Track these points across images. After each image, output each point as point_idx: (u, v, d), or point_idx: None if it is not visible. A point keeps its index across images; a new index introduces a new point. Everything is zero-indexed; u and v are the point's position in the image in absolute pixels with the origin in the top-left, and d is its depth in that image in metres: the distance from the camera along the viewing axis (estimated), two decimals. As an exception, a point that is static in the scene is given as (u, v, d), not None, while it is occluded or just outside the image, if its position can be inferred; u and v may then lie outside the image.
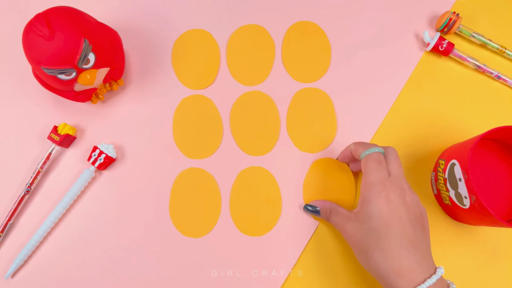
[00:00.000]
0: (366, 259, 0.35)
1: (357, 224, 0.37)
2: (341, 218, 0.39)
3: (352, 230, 0.37)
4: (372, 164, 0.37)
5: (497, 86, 0.52)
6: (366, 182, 0.37)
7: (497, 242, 0.46)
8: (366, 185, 0.37)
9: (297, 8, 0.54)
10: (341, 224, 0.39)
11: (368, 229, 0.35)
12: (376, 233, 0.35)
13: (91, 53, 0.42)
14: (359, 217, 0.37)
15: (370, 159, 0.38)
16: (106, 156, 0.46)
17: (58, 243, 0.46)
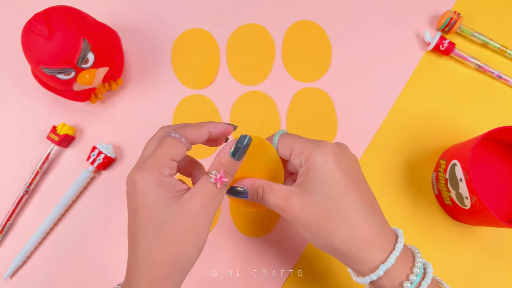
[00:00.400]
0: (328, 235, 0.29)
1: (306, 197, 0.29)
2: (280, 195, 0.30)
3: (301, 206, 0.29)
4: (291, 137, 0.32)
5: (498, 86, 0.52)
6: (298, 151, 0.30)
7: (498, 242, 0.46)
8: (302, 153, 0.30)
9: (297, 8, 0.54)
10: (282, 202, 0.30)
11: (323, 200, 0.29)
12: (335, 201, 0.28)
13: (90, 52, 0.41)
14: (307, 189, 0.29)
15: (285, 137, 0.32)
16: (105, 156, 0.46)
17: (57, 243, 0.46)
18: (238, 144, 0.29)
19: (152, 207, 0.27)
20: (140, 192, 0.27)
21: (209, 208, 0.28)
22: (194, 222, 0.27)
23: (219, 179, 0.28)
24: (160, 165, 0.28)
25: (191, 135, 0.30)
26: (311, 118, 0.50)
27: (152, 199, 0.27)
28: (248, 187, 0.32)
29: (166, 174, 0.28)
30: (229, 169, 0.29)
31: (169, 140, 0.29)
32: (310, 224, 0.29)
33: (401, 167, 0.48)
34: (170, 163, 0.28)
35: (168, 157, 0.28)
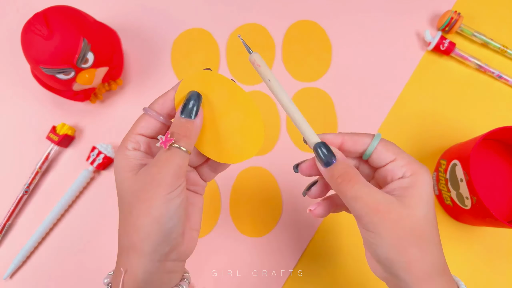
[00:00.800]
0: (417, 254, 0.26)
1: (407, 210, 0.27)
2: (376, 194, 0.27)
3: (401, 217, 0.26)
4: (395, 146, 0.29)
5: (499, 85, 0.51)
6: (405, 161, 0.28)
7: (498, 242, 0.46)
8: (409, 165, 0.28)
9: (297, 7, 0.54)
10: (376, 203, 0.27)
11: (423, 217, 0.27)
12: (432, 223, 0.27)
13: (90, 52, 0.41)
14: (407, 201, 0.27)
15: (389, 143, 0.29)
16: (105, 156, 0.46)
17: (56, 244, 0.46)
18: (186, 100, 0.27)
19: (117, 180, 0.27)
20: (114, 167, 0.28)
21: (159, 175, 0.25)
22: (145, 192, 0.26)
23: (164, 141, 0.26)
24: (125, 140, 0.28)
25: (157, 105, 0.28)
26: (311, 118, 0.50)
27: (117, 174, 0.27)
28: (338, 155, 0.29)
29: (130, 148, 0.27)
30: (181, 130, 0.26)
31: (140, 116, 0.29)
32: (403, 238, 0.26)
33: (401, 167, 0.48)
34: (135, 137, 0.28)
35: (133, 132, 0.28)
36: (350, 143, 0.29)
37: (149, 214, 0.25)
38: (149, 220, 0.26)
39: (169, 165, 0.26)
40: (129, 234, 0.26)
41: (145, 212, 0.26)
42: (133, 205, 0.26)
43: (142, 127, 0.28)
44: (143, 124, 0.28)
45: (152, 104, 0.28)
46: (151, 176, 0.26)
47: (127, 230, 0.26)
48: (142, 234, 0.26)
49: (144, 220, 0.26)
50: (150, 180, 0.26)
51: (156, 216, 0.25)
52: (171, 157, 0.26)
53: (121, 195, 0.27)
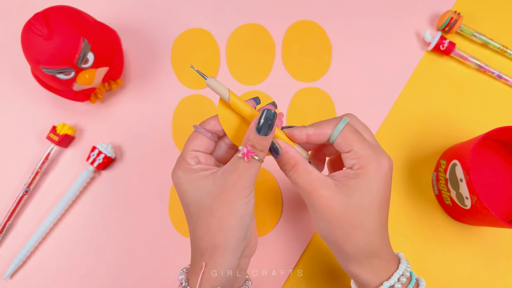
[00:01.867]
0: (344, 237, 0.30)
1: (340, 196, 0.30)
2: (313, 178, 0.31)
3: (332, 201, 0.30)
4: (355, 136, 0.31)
5: (499, 85, 0.51)
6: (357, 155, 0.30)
7: (498, 242, 0.46)
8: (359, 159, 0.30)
9: (297, 7, 0.54)
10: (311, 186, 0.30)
11: (357, 207, 0.30)
12: (367, 213, 0.30)
13: (90, 52, 0.41)
14: (345, 190, 0.30)
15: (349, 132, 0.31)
16: (105, 156, 0.46)
17: (57, 244, 0.46)
18: (261, 119, 0.29)
19: (188, 191, 0.30)
20: (176, 184, 0.31)
21: (241, 181, 0.29)
22: (227, 195, 0.29)
23: (246, 153, 0.29)
24: (184, 157, 0.31)
25: (208, 125, 0.32)
26: (311, 118, 0.50)
27: (186, 186, 0.30)
28: (282, 149, 0.32)
29: (192, 163, 0.31)
30: (257, 144, 0.29)
31: (192, 134, 0.32)
32: (332, 221, 0.30)
33: (401, 167, 0.48)
34: (193, 154, 0.31)
35: (189, 149, 0.31)
36: (314, 138, 0.32)
37: (234, 214, 0.29)
38: (234, 220, 0.29)
39: (249, 173, 0.30)
40: (212, 235, 0.29)
41: (230, 212, 0.29)
42: (215, 207, 0.29)
43: (197, 145, 0.31)
44: (197, 142, 0.31)
45: (203, 124, 0.32)
46: (232, 181, 0.29)
47: (209, 231, 0.30)
48: (228, 232, 0.29)
49: (230, 220, 0.29)
50: (232, 184, 0.29)
51: (239, 215, 0.29)
52: (250, 166, 0.30)
53: (198, 202, 0.30)
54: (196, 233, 0.30)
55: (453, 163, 0.42)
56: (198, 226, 0.30)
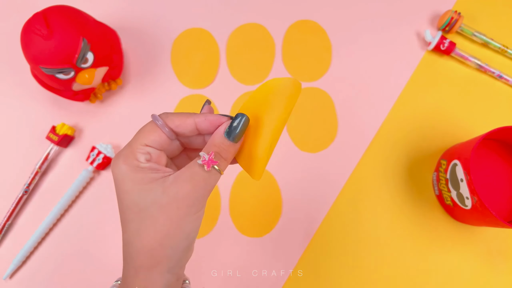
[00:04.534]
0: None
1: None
2: None
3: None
4: None
5: (499, 85, 0.51)
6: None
7: (498, 242, 0.46)
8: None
9: (297, 7, 0.54)
10: None
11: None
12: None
13: (89, 52, 0.41)
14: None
15: None
16: (105, 156, 0.46)
17: (56, 244, 0.46)
18: (233, 123, 0.26)
19: (130, 193, 0.25)
20: (117, 180, 0.26)
21: (195, 193, 0.25)
22: (177, 208, 0.25)
23: (208, 161, 0.25)
24: (134, 150, 0.26)
25: (172, 123, 0.27)
26: (312, 118, 0.50)
27: (129, 185, 0.25)
28: None
29: (142, 160, 0.26)
30: (222, 151, 0.26)
31: (148, 125, 0.27)
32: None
33: (401, 167, 0.48)
34: (145, 149, 0.26)
35: (142, 143, 0.26)
36: None
37: (181, 231, 0.25)
38: (180, 237, 0.25)
39: (206, 185, 0.26)
40: (152, 251, 0.25)
41: (177, 228, 0.25)
42: (160, 221, 0.25)
43: (153, 141, 0.27)
44: (153, 138, 0.27)
45: (166, 118, 0.27)
46: (184, 193, 0.25)
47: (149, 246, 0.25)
48: (171, 250, 0.25)
49: (175, 237, 0.25)
50: (183, 196, 0.25)
51: (187, 232, 0.25)
52: (209, 178, 0.26)
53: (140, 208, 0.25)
54: (132, 245, 0.25)
55: (454, 163, 0.42)
56: (137, 239, 0.25)
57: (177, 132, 0.27)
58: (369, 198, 0.47)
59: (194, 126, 0.27)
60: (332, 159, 0.48)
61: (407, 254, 0.45)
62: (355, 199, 0.47)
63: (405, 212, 0.47)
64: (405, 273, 0.45)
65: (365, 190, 0.47)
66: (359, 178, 0.48)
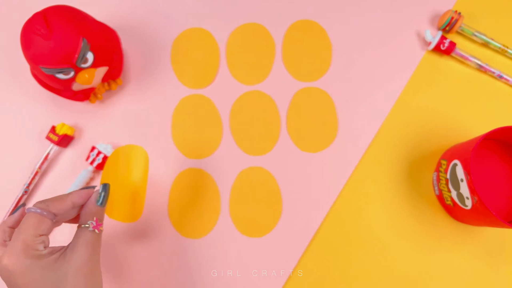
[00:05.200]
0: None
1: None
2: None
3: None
4: None
5: (499, 85, 0.51)
6: None
7: (498, 242, 0.46)
8: None
9: (297, 7, 0.54)
10: None
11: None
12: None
13: (89, 52, 0.41)
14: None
15: None
16: (105, 156, 0.46)
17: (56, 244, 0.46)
18: (103, 192, 0.34)
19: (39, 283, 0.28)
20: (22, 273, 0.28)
21: (95, 253, 0.31)
22: (85, 271, 0.30)
23: (96, 226, 0.32)
24: (31, 244, 0.29)
25: (53, 208, 0.31)
26: (311, 118, 0.50)
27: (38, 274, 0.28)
28: None
29: (41, 249, 0.30)
30: (99, 215, 0.33)
31: (29, 218, 0.30)
32: None
33: (402, 167, 0.48)
34: (40, 239, 0.30)
35: (36, 234, 0.29)
36: None
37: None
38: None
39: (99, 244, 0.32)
40: None
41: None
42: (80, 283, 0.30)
43: (43, 229, 0.30)
44: (43, 225, 0.30)
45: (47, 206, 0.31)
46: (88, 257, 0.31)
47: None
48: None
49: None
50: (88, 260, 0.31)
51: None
52: (99, 238, 0.32)
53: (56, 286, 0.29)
54: None
55: (454, 163, 0.42)
56: None
57: (58, 214, 0.32)
58: (369, 198, 0.47)
59: (71, 204, 0.33)
60: (332, 159, 0.48)
61: (407, 253, 0.45)
62: (355, 199, 0.47)
63: (405, 212, 0.47)
64: (405, 273, 0.45)
65: (365, 190, 0.47)
66: (359, 178, 0.48)
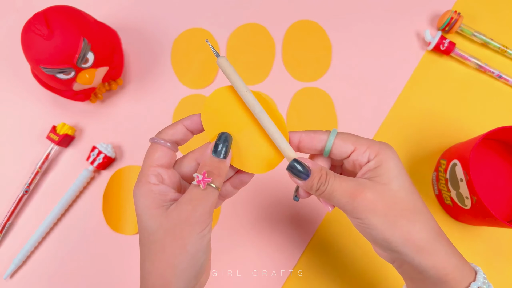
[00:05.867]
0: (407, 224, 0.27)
1: (380, 187, 0.28)
2: (350, 185, 0.28)
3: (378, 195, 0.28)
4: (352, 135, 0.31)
5: (499, 85, 0.51)
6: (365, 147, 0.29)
7: (498, 242, 0.46)
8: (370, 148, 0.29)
9: (297, 7, 0.54)
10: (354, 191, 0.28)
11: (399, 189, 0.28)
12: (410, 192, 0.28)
13: (90, 52, 0.41)
14: (379, 180, 0.28)
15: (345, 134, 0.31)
16: (105, 156, 0.46)
17: (56, 244, 0.46)
18: (217, 141, 0.29)
19: (142, 218, 0.27)
20: (135, 203, 0.28)
21: (196, 213, 0.27)
22: (180, 230, 0.27)
23: (202, 180, 0.27)
24: (146, 174, 0.28)
25: (166, 135, 0.29)
26: (311, 118, 0.50)
27: (141, 210, 0.28)
28: (311, 167, 0.29)
29: (154, 182, 0.28)
30: (214, 169, 0.28)
31: (150, 147, 0.29)
32: (388, 213, 0.28)
33: (401, 167, 0.48)
34: (155, 170, 0.28)
35: (151, 165, 0.28)
36: (307, 140, 0.30)
37: (186, 251, 0.26)
38: (186, 257, 0.27)
39: (205, 203, 0.27)
40: (161, 272, 0.27)
41: (181, 249, 0.26)
42: (166, 243, 0.27)
43: (159, 158, 0.29)
44: (158, 154, 0.29)
45: (160, 134, 0.30)
46: (186, 214, 0.27)
47: (159, 268, 0.27)
48: (178, 271, 0.27)
49: (181, 257, 0.27)
50: (185, 217, 0.26)
51: (192, 252, 0.27)
52: (206, 196, 0.27)
53: (150, 232, 0.27)
54: (144, 268, 0.28)
55: (453, 163, 0.42)
56: (147, 260, 0.27)
57: (175, 141, 0.30)
58: (369, 198, 0.47)
59: (184, 128, 0.30)
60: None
61: (407, 253, 0.45)
62: (355, 199, 0.47)
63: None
64: (405, 273, 0.45)
65: (365, 190, 0.47)
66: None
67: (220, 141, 0.28)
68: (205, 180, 0.27)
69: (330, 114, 0.50)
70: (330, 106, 0.50)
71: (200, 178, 0.27)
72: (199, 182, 0.27)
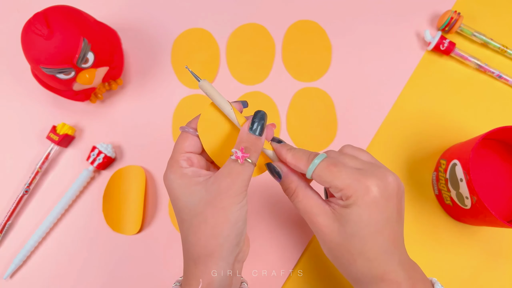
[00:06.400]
0: (346, 264, 0.30)
1: (336, 225, 0.30)
2: (313, 205, 0.31)
3: (329, 230, 0.30)
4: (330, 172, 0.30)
5: (499, 85, 0.51)
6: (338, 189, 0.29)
7: (498, 242, 0.46)
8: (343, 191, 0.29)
9: (297, 7, 0.54)
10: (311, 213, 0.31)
11: (352, 235, 0.29)
12: (363, 241, 0.29)
13: (90, 52, 0.41)
14: (340, 218, 0.30)
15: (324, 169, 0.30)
16: (105, 156, 0.46)
17: (56, 244, 0.46)
18: (254, 119, 0.30)
19: (180, 197, 0.30)
20: (169, 188, 0.30)
21: (235, 185, 0.28)
22: (220, 201, 0.28)
23: (240, 156, 0.29)
24: (177, 160, 0.30)
25: (195, 124, 0.32)
26: (311, 118, 0.50)
27: (178, 191, 0.30)
28: (283, 174, 0.32)
29: (185, 166, 0.30)
30: (251, 145, 0.30)
31: (180, 136, 0.32)
32: (333, 248, 0.31)
33: (401, 167, 0.48)
34: (185, 155, 0.31)
35: (181, 151, 0.31)
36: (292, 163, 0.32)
37: (228, 220, 0.28)
38: (228, 225, 0.28)
39: (243, 177, 0.29)
40: (205, 242, 0.29)
41: (223, 218, 0.28)
42: (208, 214, 0.28)
43: (188, 146, 0.31)
44: (188, 142, 0.31)
45: (189, 123, 0.32)
46: (225, 186, 0.28)
47: (202, 238, 0.29)
48: (222, 239, 0.28)
49: (223, 225, 0.28)
50: (225, 189, 0.28)
51: (233, 221, 0.29)
52: (244, 170, 0.29)
53: (190, 208, 0.29)
54: (188, 241, 0.30)
55: (453, 163, 0.42)
56: (191, 233, 0.29)
57: None
58: (369, 198, 0.47)
59: None
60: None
61: (407, 253, 0.45)
62: (355, 199, 0.47)
63: (404, 212, 0.47)
64: (405, 273, 0.45)
65: (365, 190, 0.47)
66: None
67: (256, 119, 0.30)
68: (243, 156, 0.29)
69: (330, 114, 0.50)
70: (330, 106, 0.50)
71: (238, 153, 0.29)
72: (237, 157, 0.29)
